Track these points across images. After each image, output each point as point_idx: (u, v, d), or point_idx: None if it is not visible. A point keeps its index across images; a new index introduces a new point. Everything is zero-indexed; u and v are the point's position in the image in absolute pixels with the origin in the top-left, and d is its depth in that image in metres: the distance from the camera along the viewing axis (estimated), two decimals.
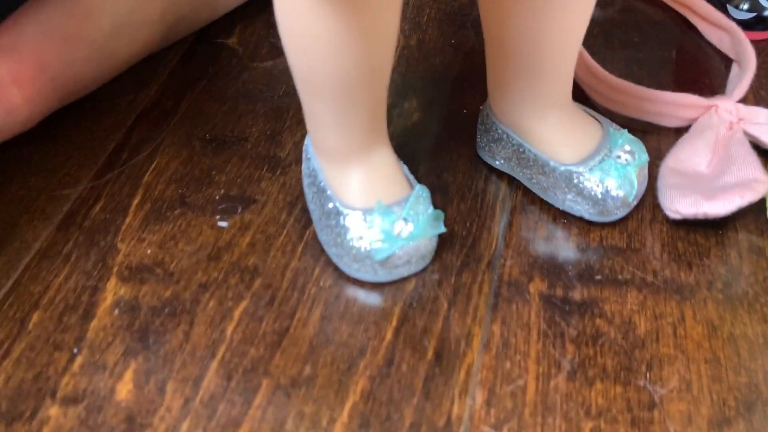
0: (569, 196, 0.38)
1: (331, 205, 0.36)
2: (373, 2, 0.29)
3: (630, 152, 0.38)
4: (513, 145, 0.40)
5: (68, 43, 0.40)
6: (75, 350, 0.34)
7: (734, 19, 0.51)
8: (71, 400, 0.32)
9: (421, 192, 0.36)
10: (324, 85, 0.33)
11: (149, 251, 0.38)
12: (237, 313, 0.35)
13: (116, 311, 0.35)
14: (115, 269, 0.37)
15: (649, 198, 0.41)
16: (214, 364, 0.33)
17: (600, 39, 0.51)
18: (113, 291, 0.36)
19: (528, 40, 0.35)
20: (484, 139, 0.42)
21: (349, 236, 0.35)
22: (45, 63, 0.39)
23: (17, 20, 0.38)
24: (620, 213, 0.38)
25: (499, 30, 0.36)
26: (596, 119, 0.40)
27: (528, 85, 0.37)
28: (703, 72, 0.50)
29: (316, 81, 0.33)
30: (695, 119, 0.44)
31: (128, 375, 0.33)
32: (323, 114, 0.35)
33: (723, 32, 0.50)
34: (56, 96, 0.41)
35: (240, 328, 0.35)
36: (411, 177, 0.38)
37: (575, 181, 0.38)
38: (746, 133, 0.43)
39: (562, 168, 0.38)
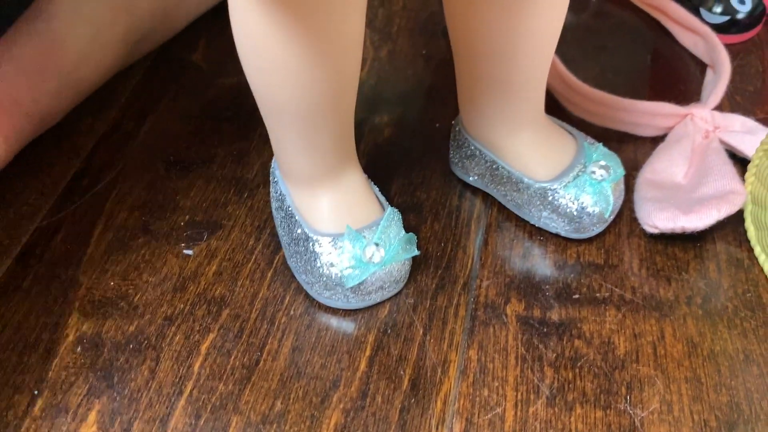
0: (544, 213, 0.37)
1: (299, 230, 0.35)
2: (334, 23, 0.28)
3: (605, 167, 0.37)
4: (486, 161, 0.39)
5: (39, 76, 0.39)
6: (36, 392, 0.32)
7: (708, 23, 0.50)
8: None
9: (393, 215, 0.35)
10: (287, 110, 0.31)
11: (112, 283, 0.36)
12: (204, 347, 0.34)
13: (79, 348, 0.34)
14: (77, 304, 0.36)
15: (627, 211, 0.40)
16: (182, 402, 0.32)
17: (573, 45, 0.50)
18: (75, 327, 0.35)
19: (497, 55, 0.34)
20: (457, 155, 0.41)
21: (319, 263, 0.34)
22: (19, 99, 0.39)
23: None
24: (597, 229, 0.37)
25: (468, 45, 0.35)
26: (570, 133, 0.39)
27: (499, 101, 0.36)
28: (678, 78, 0.49)
29: (279, 106, 0.31)
30: (671, 128, 0.44)
31: (92, 417, 0.32)
32: (288, 138, 0.33)
33: (697, 37, 0.50)
34: (30, 130, 0.40)
35: (208, 363, 0.33)
36: (382, 198, 0.37)
37: (550, 198, 0.37)
38: (722, 142, 0.42)
39: (537, 185, 0.37)
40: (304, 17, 0.27)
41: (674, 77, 0.50)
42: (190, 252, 0.38)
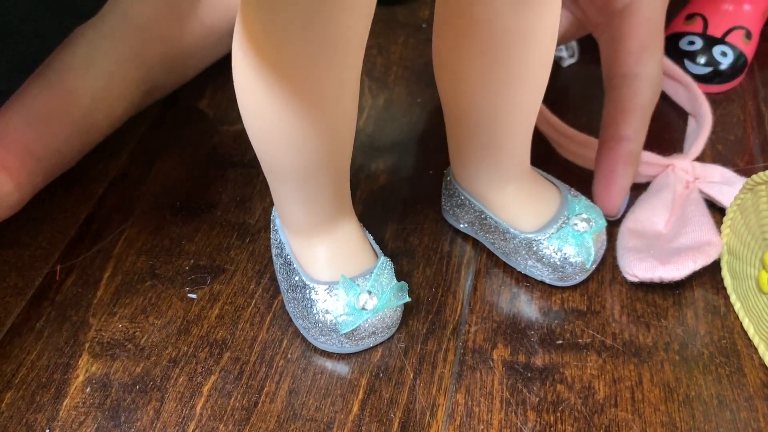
0: (530, 262, 0.39)
1: (297, 278, 0.37)
2: (328, 94, 0.30)
3: (586, 219, 0.39)
4: (475, 211, 0.41)
5: (51, 124, 0.41)
6: (47, 430, 0.34)
7: (692, 74, 0.53)
8: None
9: (385, 264, 0.37)
10: (287, 170, 0.34)
11: (120, 326, 0.39)
12: (206, 389, 0.36)
13: (88, 389, 0.36)
14: (86, 345, 0.38)
15: (610, 258, 0.42)
16: None
17: (562, 93, 0.53)
18: (85, 368, 0.37)
19: (483, 118, 0.36)
20: (449, 203, 0.43)
21: (315, 309, 0.36)
22: (31, 147, 0.41)
23: (4, 109, 0.39)
24: (579, 278, 0.40)
25: (456, 108, 0.37)
26: (555, 185, 0.41)
27: (486, 158, 0.38)
28: (662, 127, 0.52)
29: (280, 167, 0.34)
30: (654, 176, 0.46)
31: None
32: (287, 193, 0.36)
33: (679, 85, 0.52)
34: (42, 176, 0.42)
35: (209, 404, 0.35)
36: (376, 247, 0.39)
37: (535, 248, 0.39)
38: (702, 192, 0.44)
39: (522, 236, 0.39)
40: (299, 89, 0.30)
41: (659, 127, 0.52)
42: (194, 296, 0.40)
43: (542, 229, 0.39)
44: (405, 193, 0.46)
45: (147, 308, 0.39)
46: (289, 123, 0.31)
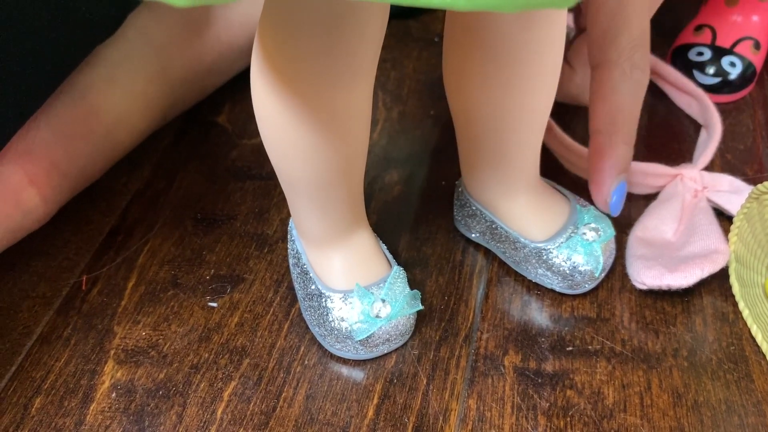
0: (540, 271, 0.40)
1: (313, 287, 0.38)
2: (341, 113, 0.32)
3: (595, 229, 0.40)
4: (486, 221, 0.42)
5: (76, 140, 0.43)
6: None
7: (701, 84, 0.53)
8: None
9: (398, 273, 0.38)
10: (303, 184, 0.35)
11: (144, 333, 0.40)
12: (226, 394, 0.37)
13: (113, 394, 0.37)
14: (112, 352, 0.39)
15: (619, 267, 0.43)
16: None
17: (573, 107, 0.54)
18: (110, 374, 0.38)
19: (492, 129, 0.37)
20: (460, 214, 0.44)
21: (331, 317, 0.37)
22: (56, 162, 0.42)
23: (30, 126, 0.41)
24: (588, 286, 0.40)
25: (466, 120, 0.38)
26: (564, 195, 0.42)
27: (496, 169, 0.39)
28: (672, 137, 0.52)
29: (296, 181, 0.35)
30: (663, 187, 0.46)
31: None
32: (303, 205, 0.37)
33: (691, 98, 0.53)
34: (68, 190, 0.44)
35: (229, 409, 0.37)
36: (389, 256, 0.40)
37: (544, 257, 0.40)
38: (710, 201, 0.45)
39: (532, 245, 0.40)
40: (314, 107, 0.31)
41: (669, 137, 0.53)
42: (214, 304, 0.41)
43: (552, 238, 0.40)
44: (418, 203, 0.48)
45: (169, 316, 0.41)
46: (304, 139, 0.32)
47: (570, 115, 0.52)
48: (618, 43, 0.39)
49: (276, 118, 0.32)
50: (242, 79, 0.55)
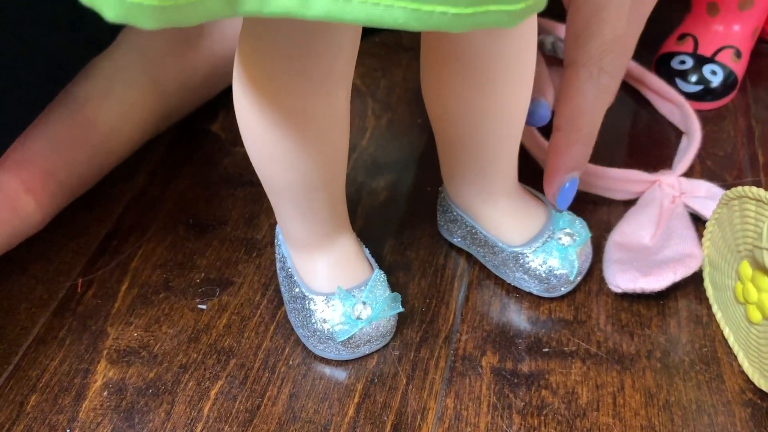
0: (517, 274, 0.42)
1: (297, 289, 0.40)
2: (319, 125, 0.33)
3: (570, 234, 0.41)
4: (467, 226, 0.43)
5: (72, 149, 0.45)
6: (68, 430, 0.37)
7: (684, 92, 0.55)
8: None
9: (379, 276, 0.40)
10: (286, 189, 0.36)
11: (136, 335, 0.42)
12: (213, 393, 0.39)
13: (105, 392, 0.39)
14: (104, 352, 0.41)
15: (597, 271, 0.44)
16: None
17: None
18: (103, 373, 0.40)
19: (469, 139, 0.38)
20: (443, 219, 0.45)
21: (313, 319, 0.39)
22: (52, 170, 0.44)
23: (27, 135, 0.43)
24: (564, 289, 0.42)
25: (443, 130, 0.40)
26: (541, 200, 0.43)
27: (474, 175, 0.41)
28: (655, 144, 0.54)
29: (279, 186, 0.36)
30: (641, 193, 0.48)
31: None
32: (287, 210, 0.38)
33: (673, 106, 0.54)
34: (63, 197, 0.46)
35: (216, 407, 0.38)
36: (371, 260, 0.41)
37: (521, 261, 0.41)
38: (687, 206, 0.46)
39: (510, 249, 0.41)
40: (291, 116, 0.32)
41: (651, 143, 0.54)
42: (204, 307, 0.43)
43: (528, 243, 0.41)
44: (403, 209, 0.49)
45: (160, 318, 0.42)
46: (285, 147, 0.34)
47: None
48: (588, 46, 0.40)
49: (257, 128, 0.34)
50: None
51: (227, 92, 0.57)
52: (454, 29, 0.20)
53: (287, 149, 0.34)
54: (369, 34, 0.64)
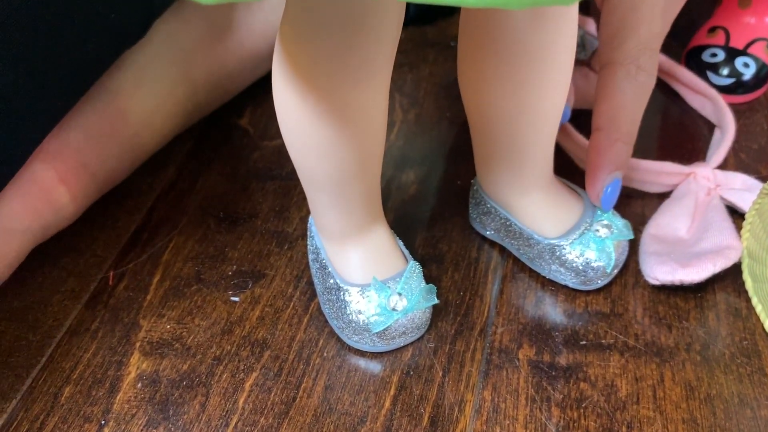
0: (553, 267, 0.41)
1: (332, 281, 0.39)
2: (358, 113, 0.33)
3: (608, 226, 0.40)
4: (501, 218, 0.43)
5: (104, 142, 0.45)
6: (102, 422, 0.37)
7: (715, 85, 0.54)
8: None
9: (414, 267, 0.39)
10: (322, 179, 0.36)
11: (168, 327, 0.41)
12: (248, 385, 0.38)
13: (139, 384, 0.39)
14: (137, 344, 0.41)
15: (633, 263, 0.44)
16: None
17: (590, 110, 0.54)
18: (136, 365, 0.40)
19: (506, 128, 0.38)
20: (475, 212, 0.45)
21: (348, 310, 0.38)
22: (86, 162, 0.44)
23: (61, 127, 0.43)
24: (601, 282, 0.41)
25: (479, 119, 0.39)
26: (578, 193, 0.43)
27: (510, 167, 0.40)
28: (686, 137, 0.53)
29: (315, 176, 0.36)
30: (676, 185, 0.47)
31: None
32: (322, 201, 0.38)
33: (705, 99, 0.53)
34: (96, 190, 0.46)
35: (251, 399, 0.38)
36: (406, 251, 0.41)
37: (558, 253, 0.40)
38: (723, 199, 0.45)
39: (546, 242, 0.41)
40: (331, 106, 0.32)
41: (683, 137, 0.53)
42: (236, 299, 0.43)
43: (565, 235, 0.41)
44: (434, 202, 0.49)
45: (193, 310, 0.42)
46: (322, 134, 0.33)
47: (585, 116, 0.52)
48: (626, 45, 0.40)
49: (295, 114, 0.34)
50: (263, 84, 0.57)
51: (255, 87, 0.57)
52: (514, 6, 0.20)
53: (324, 137, 0.34)
54: None
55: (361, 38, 0.30)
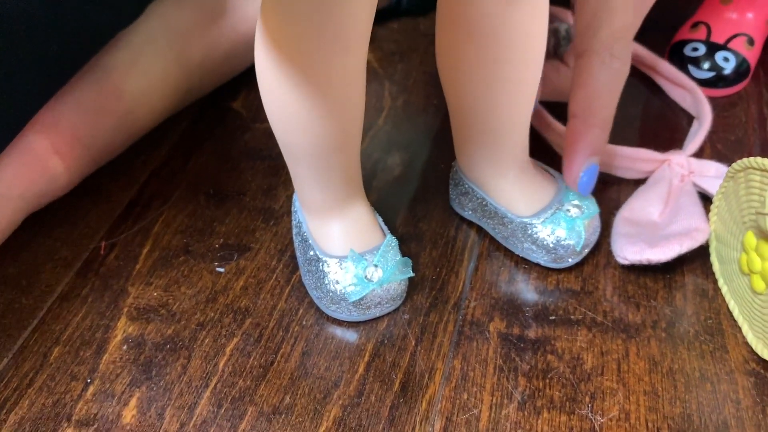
0: (526, 245, 0.43)
1: (312, 252, 0.41)
2: (338, 88, 0.34)
3: (578, 206, 0.42)
4: (478, 198, 0.44)
5: (98, 116, 0.47)
6: (88, 380, 0.39)
7: (697, 79, 0.55)
8: (84, 424, 0.37)
9: (391, 241, 0.41)
10: (302, 152, 0.38)
11: (155, 294, 0.43)
12: (228, 349, 0.40)
13: (125, 347, 0.40)
14: (125, 310, 0.42)
15: (605, 245, 0.45)
16: (207, 393, 0.38)
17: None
18: (123, 329, 0.41)
19: (481, 111, 0.40)
20: (455, 192, 0.46)
21: (326, 280, 0.40)
22: (80, 135, 0.46)
23: (56, 100, 0.45)
24: (572, 260, 0.43)
25: (457, 102, 0.41)
26: (552, 176, 0.44)
27: (486, 147, 0.42)
28: (666, 127, 0.54)
29: (296, 149, 0.38)
30: (651, 172, 0.48)
31: (133, 402, 0.38)
32: (304, 175, 0.40)
33: (685, 91, 0.55)
34: (90, 162, 0.47)
35: (231, 362, 0.39)
36: (384, 227, 0.43)
37: (530, 231, 0.42)
38: (696, 185, 0.47)
39: (518, 220, 0.42)
40: (311, 77, 0.34)
41: (663, 127, 0.55)
42: (221, 270, 0.44)
43: (537, 214, 0.42)
44: (417, 184, 0.50)
45: (180, 279, 0.44)
46: (303, 108, 0.35)
47: (562, 107, 0.54)
48: (600, 35, 0.41)
49: (277, 90, 0.35)
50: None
51: (248, 72, 0.59)
52: None
53: (305, 109, 0.35)
54: (387, 19, 0.66)
55: (335, 20, 0.32)
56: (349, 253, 0.40)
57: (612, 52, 0.42)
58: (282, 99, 0.35)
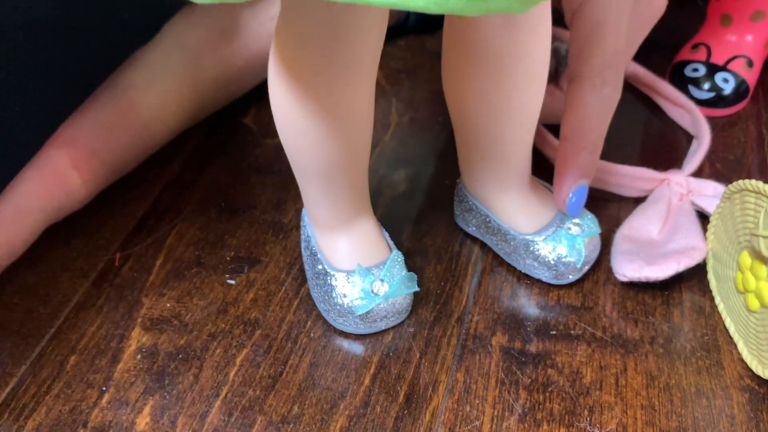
0: (528, 261, 0.44)
1: (320, 266, 0.43)
2: (346, 109, 0.36)
3: (579, 225, 0.43)
4: (481, 215, 0.46)
5: (115, 132, 0.48)
6: (104, 388, 0.40)
7: (697, 99, 0.57)
8: (99, 431, 0.38)
9: (397, 256, 0.42)
10: (312, 170, 0.39)
11: (168, 305, 0.45)
12: (239, 360, 0.41)
13: (138, 356, 0.42)
14: (139, 320, 0.44)
15: (605, 262, 0.46)
16: (218, 403, 0.39)
17: None
18: (137, 339, 0.43)
19: (486, 130, 0.41)
20: (459, 209, 0.48)
21: (334, 294, 0.41)
22: (97, 150, 0.47)
23: (75, 117, 0.47)
24: (573, 277, 0.44)
25: (461, 122, 0.42)
26: (552, 193, 0.46)
27: (490, 166, 0.43)
28: (666, 147, 0.56)
29: (306, 167, 0.39)
30: (651, 190, 0.50)
31: (146, 410, 0.39)
32: (313, 191, 0.41)
33: (684, 111, 0.56)
34: (106, 176, 0.49)
35: (241, 373, 0.41)
36: (390, 242, 0.44)
37: (532, 248, 0.43)
38: (694, 204, 0.48)
39: (521, 237, 0.44)
40: (320, 98, 0.35)
41: (663, 146, 0.56)
42: (232, 282, 0.46)
43: (539, 231, 0.43)
44: (422, 200, 0.52)
45: (192, 291, 0.45)
46: (314, 129, 0.37)
47: (555, 129, 0.55)
48: (591, 61, 0.42)
49: (288, 110, 0.37)
50: (267, 87, 0.60)
51: (259, 88, 0.60)
52: (468, 13, 0.23)
53: (315, 129, 0.37)
54: (395, 37, 0.67)
55: (347, 48, 0.33)
56: (356, 268, 0.41)
57: (603, 78, 0.42)
58: (293, 118, 0.37)
